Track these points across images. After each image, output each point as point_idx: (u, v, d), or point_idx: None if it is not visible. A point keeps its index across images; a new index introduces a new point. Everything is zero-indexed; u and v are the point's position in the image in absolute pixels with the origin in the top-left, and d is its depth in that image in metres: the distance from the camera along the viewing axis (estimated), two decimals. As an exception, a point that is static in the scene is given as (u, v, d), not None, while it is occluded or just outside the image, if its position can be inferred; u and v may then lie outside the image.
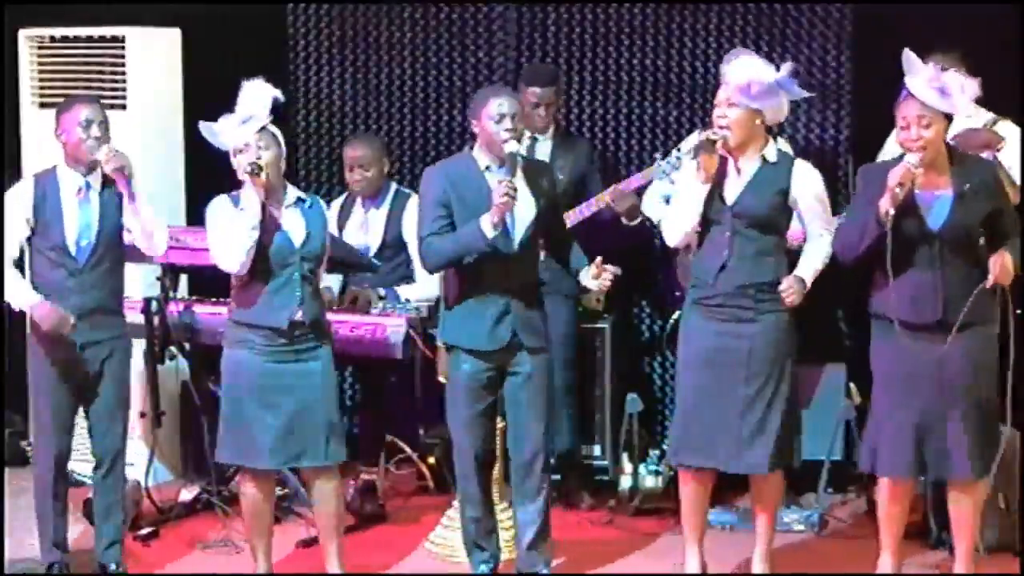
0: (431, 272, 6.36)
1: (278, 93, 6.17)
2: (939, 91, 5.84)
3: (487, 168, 6.17)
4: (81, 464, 6.97)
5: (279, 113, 6.23)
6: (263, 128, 6.09)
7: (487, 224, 6.03)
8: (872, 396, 6.16)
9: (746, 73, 6.06)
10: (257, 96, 6.12)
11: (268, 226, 6.07)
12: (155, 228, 6.29)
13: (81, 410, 6.40)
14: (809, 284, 6.13)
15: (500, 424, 6.40)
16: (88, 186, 6.25)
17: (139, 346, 6.95)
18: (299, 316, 6.07)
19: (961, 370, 5.94)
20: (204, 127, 6.16)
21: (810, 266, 6.16)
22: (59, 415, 6.31)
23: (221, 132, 6.12)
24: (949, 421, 5.96)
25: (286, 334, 6.08)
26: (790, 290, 6.08)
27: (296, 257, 6.08)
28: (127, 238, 6.30)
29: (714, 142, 6.06)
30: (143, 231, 6.25)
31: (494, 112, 6.12)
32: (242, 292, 6.14)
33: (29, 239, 6.25)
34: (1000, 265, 5.88)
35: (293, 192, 6.19)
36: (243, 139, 6.06)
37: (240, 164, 6.06)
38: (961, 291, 5.89)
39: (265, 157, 6.05)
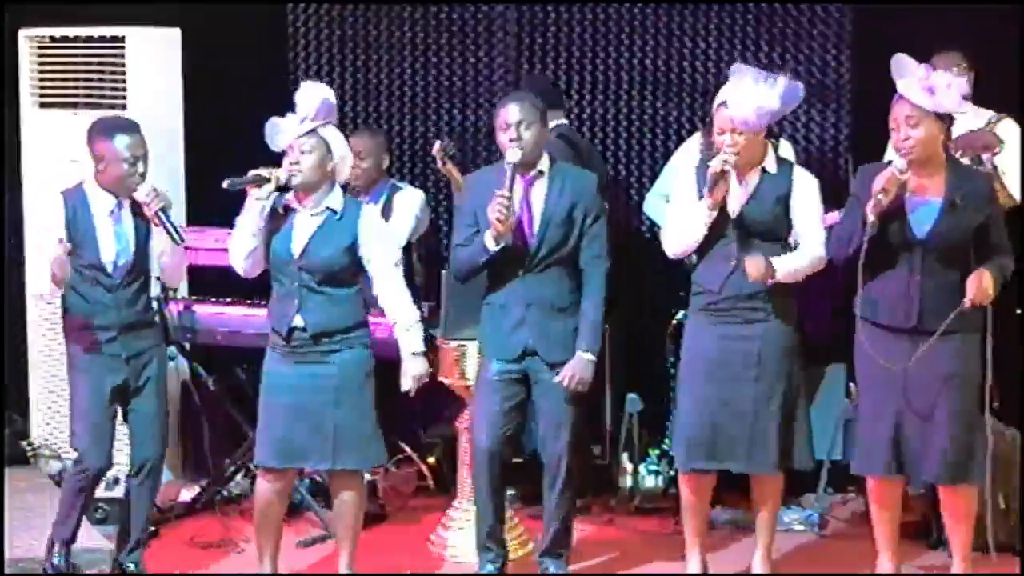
0: (460, 281, 6.35)
1: (329, 95, 6.05)
2: (927, 90, 5.84)
3: (503, 180, 6.15)
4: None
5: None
6: (312, 132, 6.00)
7: (489, 239, 6.06)
8: (858, 396, 6.18)
9: (752, 105, 5.98)
10: (308, 98, 6.03)
11: (278, 232, 6.05)
12: (183, 263, 6.35)
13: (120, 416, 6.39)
14: (779, 275, 6.04)
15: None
16: (120, 206, 6.22)
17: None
18: (298, 323, 6.05)
19: (938, 376, 5.95)
20: (270, 125, 6.05)
21: (787, 262, 6.09)
22: (104, 431, 6.27)
23: (280, 132, 6.03)
24: (925, 424, 5.97)
25: (286, 339, 6.07)
26: (751, 265, 6.00)
27: (292, 267, 6.05)
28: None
29: (726, 172, 6.03)
30: (174, 265, 6.29)
31: (500, 120, 6.14)
32: (271, 293, 6.17)
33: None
34: (977, 286, 5.87)
35: (332, 199, 6.06)
36: (286, 142, 6.01)
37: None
38: (940, 300, 5.89)
39: (304, 162, 5.97)
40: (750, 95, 6.00)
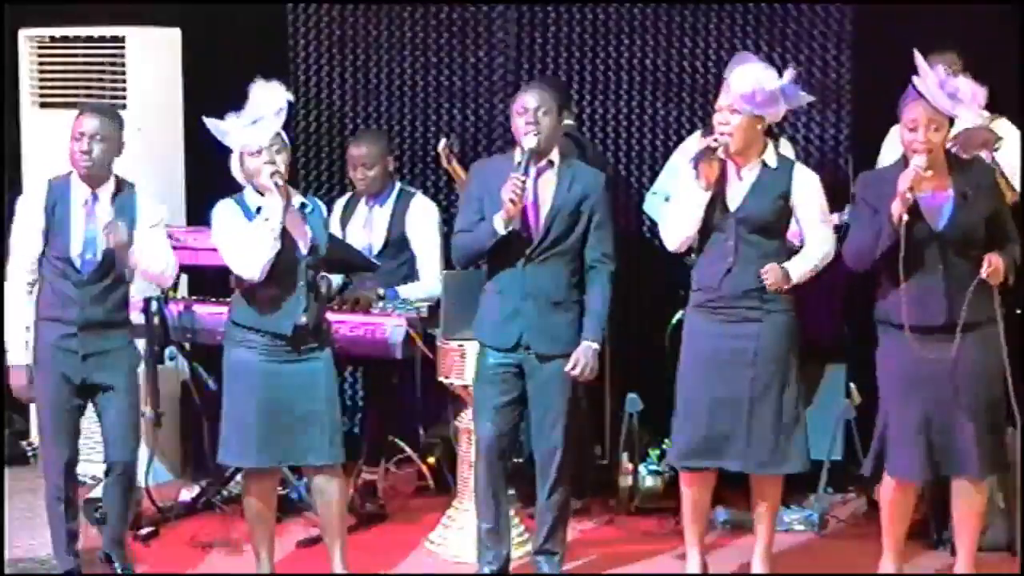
0: (460, 266, 6.38)
1: (289, 96, 6.11)
2: (950, 96, 5.84)
3: (518, 164, 6.17)
4: (82, 464, 6.95)
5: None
6: (277, 132, 6.05)
7: (498, 221, 6.06)
8: (880, 402, 6.11)
9: (751, 81, 6.01)
10: (269, 99, 6.04)
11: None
12: (165, 268, 6.31)
13: (94, 415, 6.37)
14: (795, 280, 6.09)
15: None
16: (95, 199, 6.19)
17: (139, 346, 6.93)
18: (303, 321, 6.06)
19: (971, 370, 5.94)
20: (211, 123, 6.07)
21: (800, 265, 6.12)
22: (63, 423, 6.24)
23: (229, 132, 6.05)
24: (959, 420, 5.95)
25: (289, 340, 6.07)
26: (770, 275, 6.04)
27: (302, 265, 6.06)
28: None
29: (714, 149, 6.04)
30: (151, 274, 6.32)
31: (518, 105, 6.16)
32: (245, 294, 6.11)
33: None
34: (993, 264, 5.88)
35: (296, 197, 6.14)
36: (258, 143, 6.00)
37: (256, 168, 6.00)
38: (964, 292, 5.89)
39: (280, 160, 6.01)
40: (752, 72, 6.02)
